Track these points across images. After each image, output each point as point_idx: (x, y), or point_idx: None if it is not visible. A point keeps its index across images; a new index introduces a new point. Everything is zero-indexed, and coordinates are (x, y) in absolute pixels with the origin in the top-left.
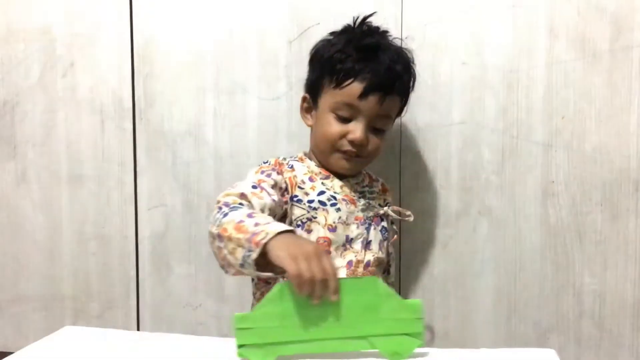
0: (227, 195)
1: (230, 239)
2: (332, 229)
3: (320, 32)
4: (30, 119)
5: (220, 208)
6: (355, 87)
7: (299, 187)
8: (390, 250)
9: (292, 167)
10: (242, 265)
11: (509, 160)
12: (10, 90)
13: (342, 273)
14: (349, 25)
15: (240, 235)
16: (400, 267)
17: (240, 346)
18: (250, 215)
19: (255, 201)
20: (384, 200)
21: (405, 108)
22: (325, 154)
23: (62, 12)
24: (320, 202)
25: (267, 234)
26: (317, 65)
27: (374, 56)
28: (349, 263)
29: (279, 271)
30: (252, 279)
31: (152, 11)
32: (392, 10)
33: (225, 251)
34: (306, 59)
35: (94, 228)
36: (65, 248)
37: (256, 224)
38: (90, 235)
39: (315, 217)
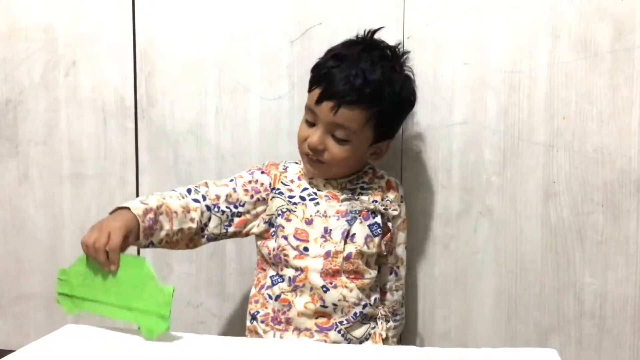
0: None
1: None
2: (309, 222)
3: (322, 32)
4: (33, 117)
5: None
6: (315, 93)
7: (282, 182)
8: (386, 248)
9: (286, 168)
10: None
11: (510, 160)
12: (12, 89)
13: (319, 262)
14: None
15: None
16: None
17: (59, 294)
18: (149, 195)
19: (212, 187)
20: (383, 197)
21: (390, 127)
22: (300, 156)
23: (64, 11)
24: (300, 197)
25: (115, 207)
26: None
27: (338, 66)
28: (327, 253)
29: None
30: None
31: (154, 10)
32: (393, 10)
33: None
34: (308, 58)
35: None
36: (67, 246)
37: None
38: None
39: (294, 210)
